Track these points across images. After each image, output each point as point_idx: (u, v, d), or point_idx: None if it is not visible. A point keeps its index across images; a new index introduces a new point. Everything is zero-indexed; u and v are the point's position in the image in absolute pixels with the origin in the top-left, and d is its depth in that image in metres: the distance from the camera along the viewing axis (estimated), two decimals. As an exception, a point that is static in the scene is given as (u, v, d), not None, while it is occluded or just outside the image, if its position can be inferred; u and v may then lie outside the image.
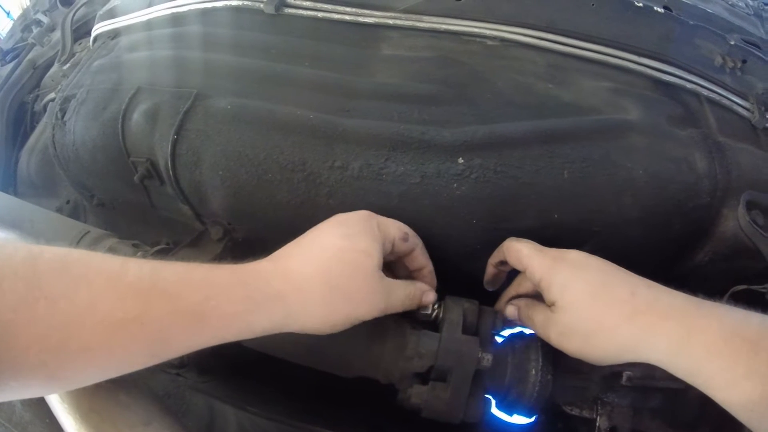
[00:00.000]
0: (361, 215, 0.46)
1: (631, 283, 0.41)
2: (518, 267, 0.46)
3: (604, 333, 0.40)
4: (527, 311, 0.46)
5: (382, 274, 0.43)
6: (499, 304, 0.51)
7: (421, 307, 0.48)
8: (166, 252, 0.54)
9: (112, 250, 0.55)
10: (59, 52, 0.85)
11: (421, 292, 0.47)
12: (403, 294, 0.45)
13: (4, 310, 0.30)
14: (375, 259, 0.42)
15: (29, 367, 0.31)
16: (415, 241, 0.48)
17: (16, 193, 0.82)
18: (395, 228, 0.46)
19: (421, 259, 0.49)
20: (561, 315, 0.42)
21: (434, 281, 0.50)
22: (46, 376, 0.33)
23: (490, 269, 0.51)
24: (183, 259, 0.45)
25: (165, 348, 0.36)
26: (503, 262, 0.49)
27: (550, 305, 0.43)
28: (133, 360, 0.36)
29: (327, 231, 0.44)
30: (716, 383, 0.35)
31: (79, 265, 0.34)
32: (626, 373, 0.46)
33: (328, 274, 0.41)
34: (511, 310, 0.48)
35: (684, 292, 0.40)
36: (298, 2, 0.61)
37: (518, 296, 0.50)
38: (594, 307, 0.40)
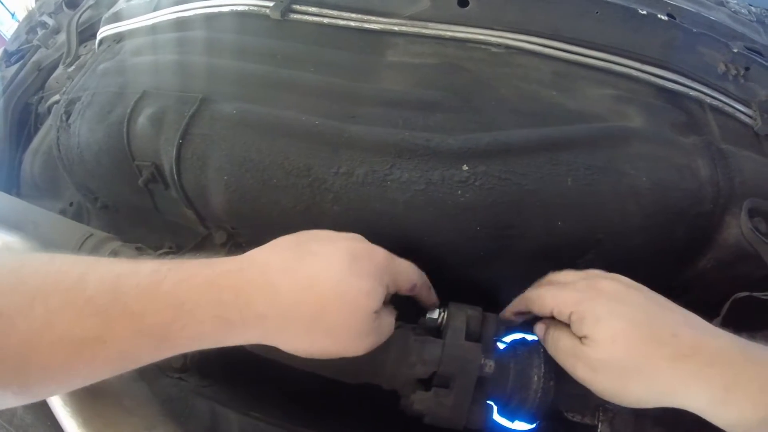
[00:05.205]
0: (381, 255, 0.42)
1: (673, 321, 0.37)
2: (546, 314, 0.43)
3: (642, 376, 0.36)
4: (554, 332, 0.43)
5: (379, 314, 0.40)
6: (505, 314, 0.50)
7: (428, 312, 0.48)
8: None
9: (115, 253, 0.55)
10: (64, 55, 0.85)
11: None
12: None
13: None
14: (375, 303, 0.39)
15: None
16: (419, 287, 0.46)
17: (19, 195, 0.82)
18: (407, 280, 0.44)
19: (424, 298, 0.47)
20: (593, 349, 0.38)
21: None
22: (14, 393, 0.32)
23: (508, 316, 0.49)
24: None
25: (131, 363, 0.35)
26: (521, 312, 0.48)
27: (580, 337, 0.40)
28: (98, 374, 0.35)
29: (336, 254, 0.39)
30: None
31: (35, 278, 0.32)
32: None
33: (320, 307, 0.37)
34: (540, 329, 0.45)
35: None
36: (303, 8, 0.62)
37: (519, 313, 0.48)
38: (633, 345, 0.36)
